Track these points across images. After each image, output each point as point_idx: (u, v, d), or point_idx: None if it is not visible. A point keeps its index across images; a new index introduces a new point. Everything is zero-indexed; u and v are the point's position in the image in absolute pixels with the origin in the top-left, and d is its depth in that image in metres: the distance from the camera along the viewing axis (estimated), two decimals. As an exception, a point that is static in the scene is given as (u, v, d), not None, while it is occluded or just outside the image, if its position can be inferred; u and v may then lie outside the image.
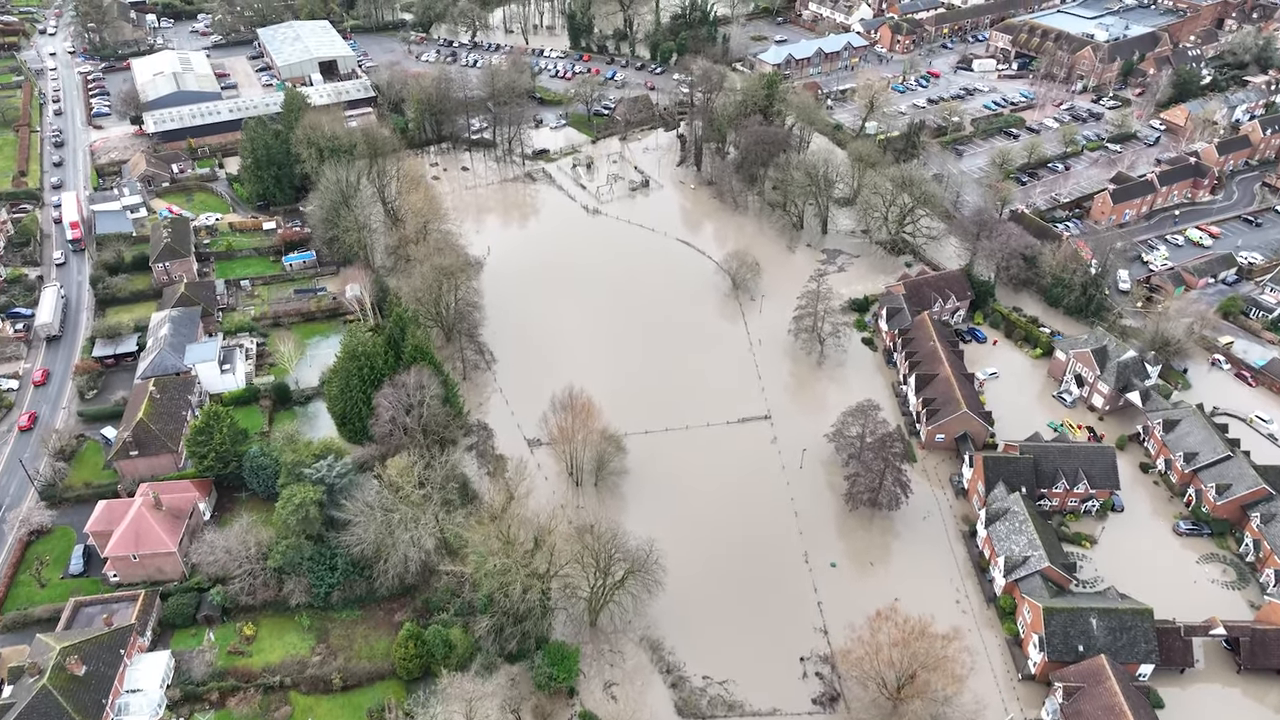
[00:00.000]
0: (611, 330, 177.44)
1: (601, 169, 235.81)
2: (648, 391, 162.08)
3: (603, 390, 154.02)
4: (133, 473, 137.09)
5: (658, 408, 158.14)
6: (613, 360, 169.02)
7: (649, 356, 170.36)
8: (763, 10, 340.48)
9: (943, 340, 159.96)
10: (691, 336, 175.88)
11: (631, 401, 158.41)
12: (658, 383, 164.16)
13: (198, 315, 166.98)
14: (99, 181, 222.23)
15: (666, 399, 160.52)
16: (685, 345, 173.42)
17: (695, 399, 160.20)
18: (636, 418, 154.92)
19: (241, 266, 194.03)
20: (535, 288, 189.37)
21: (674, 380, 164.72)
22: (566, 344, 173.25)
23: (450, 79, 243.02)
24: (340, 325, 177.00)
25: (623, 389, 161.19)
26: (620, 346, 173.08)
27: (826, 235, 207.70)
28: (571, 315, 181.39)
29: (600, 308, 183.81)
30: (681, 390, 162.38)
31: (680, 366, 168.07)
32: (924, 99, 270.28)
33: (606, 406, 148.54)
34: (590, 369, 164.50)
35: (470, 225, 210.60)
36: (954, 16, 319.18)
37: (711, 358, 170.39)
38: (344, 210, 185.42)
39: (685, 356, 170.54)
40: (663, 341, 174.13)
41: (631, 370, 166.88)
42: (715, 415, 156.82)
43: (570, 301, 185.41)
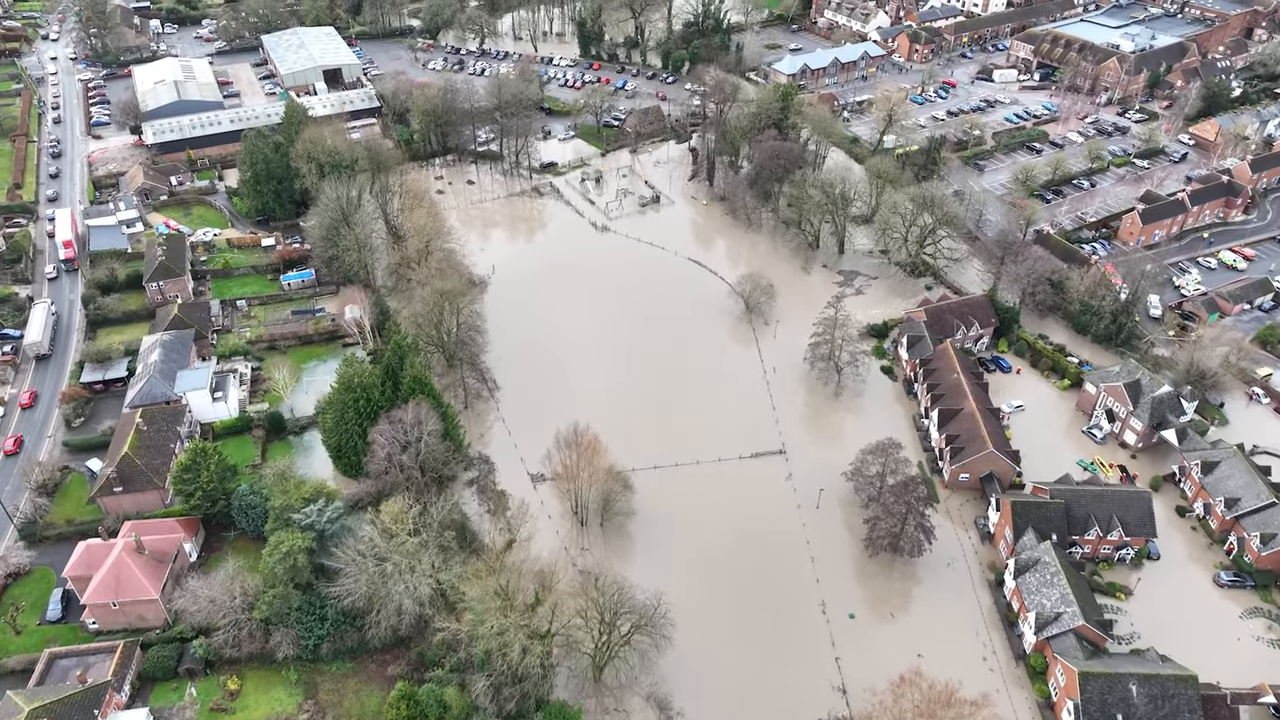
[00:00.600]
0: (620, 355, 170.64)
1: (611, 183, 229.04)
2: (657, 422, 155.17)
3: (609, 421, 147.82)
4: (117, 509, 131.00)
5: (667, 440, 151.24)
6: (621, 388, 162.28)
7: (658, 384, 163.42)
8: (777, 18, 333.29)
9: (966, 372, 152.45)
10: (703, 363, 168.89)
11: (640, 433, 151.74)
12: (667, 413, 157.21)
13: (190, 339, 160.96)
14: (95, 194, 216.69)
15: (676, 430, 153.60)
16: (696, 372, 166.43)
17: (706, 431, 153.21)
18: (645, 451, 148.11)
19: (238, 285, 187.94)
20: (541, 309, 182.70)
21: (684, 410, 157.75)
22: (572, 369, 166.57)
23: (456, 89, 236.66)
24: (339, 348, 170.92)
25: (630, 419, 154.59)
26: (629, 373, 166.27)
27: (843, 255, 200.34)
28: (578, 338, 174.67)
29: (608, 331, 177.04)
30: (692, 421, 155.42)
31: (691, 395, 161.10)
32: (943, 111, 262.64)
33: (613, 439, 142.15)
34: (597, 397, 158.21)
35: (475, 242, 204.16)
36: (974, 25, 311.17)
37: (724, 386, 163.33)
38: (344, 229, 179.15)
39: (696, 385, 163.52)
40: (673, 368, 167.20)
41: (640, 399, 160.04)
42: (727, 449, 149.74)
43: (577, 324, 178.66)
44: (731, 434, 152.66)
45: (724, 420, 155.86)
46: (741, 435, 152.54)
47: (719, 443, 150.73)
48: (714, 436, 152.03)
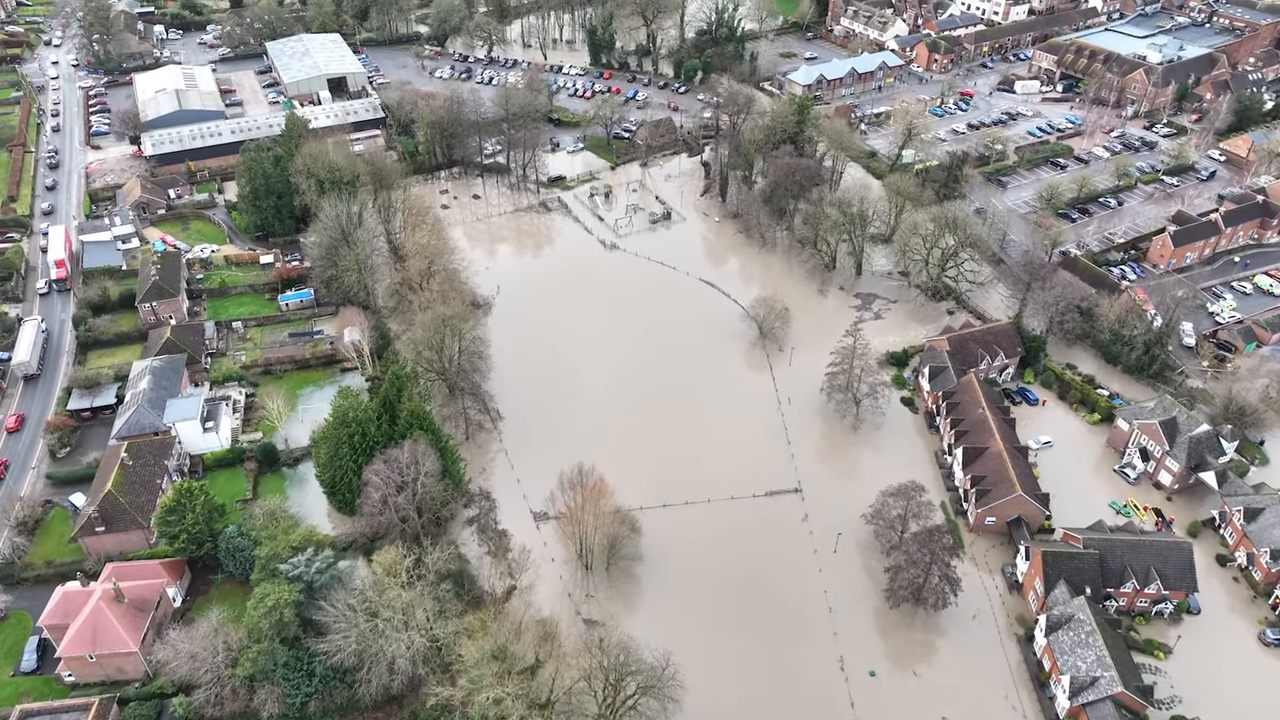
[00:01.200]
0: (628, 382, 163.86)
1: (620, 198, 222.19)
2: (667, 455, 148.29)
3: (617, 454, 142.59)
4: (99, 550, 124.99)
5: (677, 474, 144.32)
6: (629, 417, 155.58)
7: (668, 414, 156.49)
8: (792, 25, 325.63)
9: (992, 406, 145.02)
10: (715, 391, 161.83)
11: (648, 467, 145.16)
12: (678, 445, 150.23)
13: (182, 365, 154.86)
14: (91, 208, 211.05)
15: (687, 464, 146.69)
16: (708, 401, 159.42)
17: (718, 465, 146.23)
18: (653, 487, 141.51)
19: (235, 305, 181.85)
20: (547, 332, 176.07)
21: (695, 442, 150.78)
22: (579, 397, 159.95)
23: (462, 101, 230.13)
24: (337, 373, 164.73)
25: (639, 452, 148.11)
26: (637, 401, 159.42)
27: (861, 277, 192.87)
28: (585, 363, 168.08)
29: (617, 355, 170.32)
30: (703, 455, 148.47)
31: (702, 426, 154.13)
32: (963, 124, 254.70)
33: (621, 473, 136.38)
34: (604, 427, 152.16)
35: (480, 260, 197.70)
36: (994, 34, 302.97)
37: (737, 417, 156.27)
38: (343, 248, 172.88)
39: (708, 415, 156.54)
40: (684, 397, 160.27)
41: (649, 429, 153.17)
42: (740, 486, 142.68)
43: (584, 347, 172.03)
44: (745, 469, 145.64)
45: (737, 454, 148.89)
46: (755, 471, 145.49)
47: (731, 479, 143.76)
48: (726, 472, 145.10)
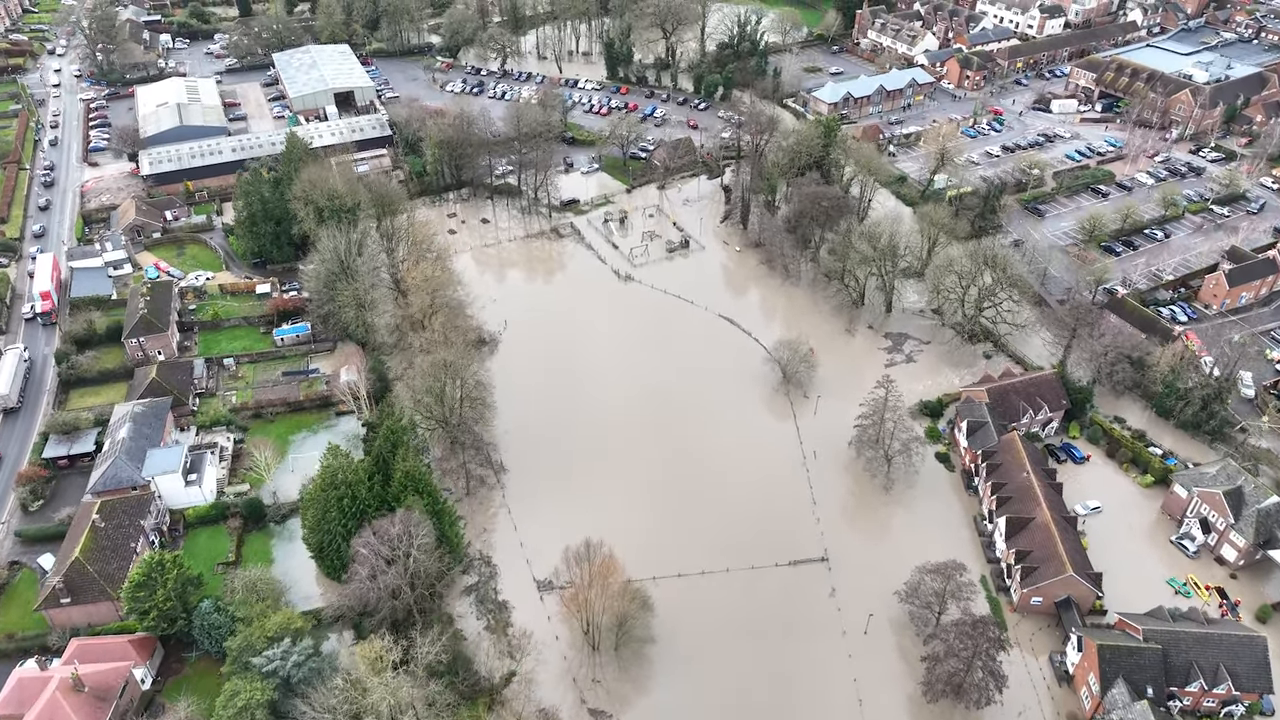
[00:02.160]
0: (642, 429, 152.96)
1: (636, 224, 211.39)
2: (681, 516, 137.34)
3: (628, 514, 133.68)
4: (65, 622, 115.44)
5: (693, 538, 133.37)
6: (641, 471, 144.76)
7: (683, 468, 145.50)
8: (817, 38, 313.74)
9: (1036, 469, 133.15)
10: (734, 443, 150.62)
11: (662, 529, 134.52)
12: (693, 504, 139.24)
13: (166, 409, 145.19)
14: (84, 230, 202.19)
15: (704, 526, 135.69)
16: (727, 455, 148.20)
17: (738, 529, 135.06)
18: (668, 552, 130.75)
19: (228, 339, 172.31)
20: (555, 374, 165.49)
21: (712, 502, 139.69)
22: (588, 447, 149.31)
23: (472, 119, 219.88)
24: (331, 416, 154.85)
25: (652, 512, 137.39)
26: (650, 452, 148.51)
27: (891, 314, 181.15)
28: (596, 408, 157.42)
29: (629, 400, 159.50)
30: (721, 516, 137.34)
31: (720, 483, 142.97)
32: (998, 145, 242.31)
33: (632, 536, 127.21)
34: (614, 483, 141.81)
35: (487, 290, 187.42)
36: (1028, 49, 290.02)
37: (758, 473, 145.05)
38: (342, 282, 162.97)
39: (726, 470, 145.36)
40: (700, 448, 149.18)
41: (662, 485, 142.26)
42: (761, 554, 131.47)
43: (595, 391, 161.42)
44: (766, 533, 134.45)
45: (758, 515, 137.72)
46: (778, 535, 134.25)
47: (752, 544, 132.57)
48: (746, 535, 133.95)
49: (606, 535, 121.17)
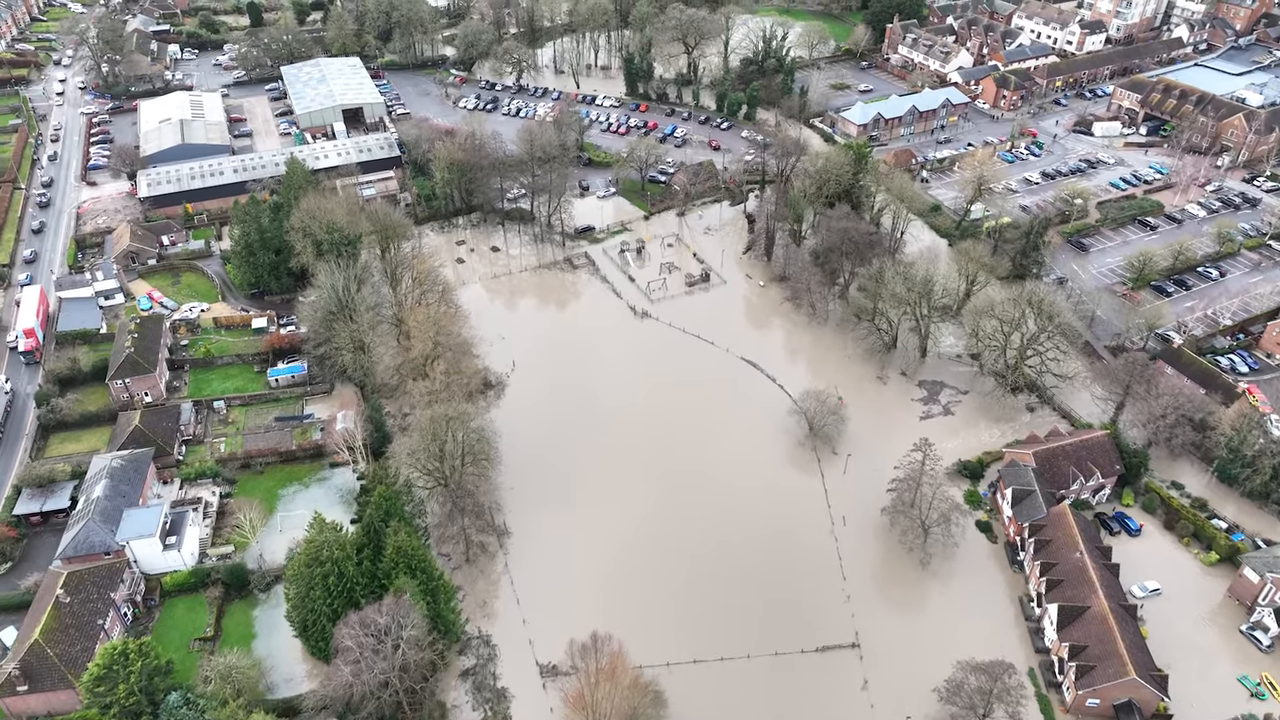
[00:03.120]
0: (657, 487, 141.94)
1: (654, 254, 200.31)
2: (699, 590, 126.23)
3: (640, 587, 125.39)
4: (22, 710, 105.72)
5: (711, 618, 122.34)
6: (654, 537, 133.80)
7: (702, 536, 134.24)
8: (845, 53, 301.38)
9: (1090, 549, 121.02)
10: (756, 505, 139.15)
11: (678, 605, 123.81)
12: (712, 577, 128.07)
13: (148, 461, 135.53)
14: (77, 257, 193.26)
15: (723, 603, 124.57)
16: (748, 519, 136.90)
17: (760, 606, 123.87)
18: (683, 632, 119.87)
19: (219, 379, 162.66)
20: (564, 422, 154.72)
21: (733, 574, 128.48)
22: (599, 506, 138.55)
23: (484, 143, 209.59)
24: (325, 468, 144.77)
25: (667, 583, 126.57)
26: (665, 516, 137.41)
27: (925, 359, 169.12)
28: (606, 462, 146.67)
29: (643, 451, 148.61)
30: (742, 591, 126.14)
31: (742, 551, 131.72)
32: (1037, 171, 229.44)
33: (645, 614, 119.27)
34: (625, 549, 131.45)
35: (495, 325, 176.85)
36: (1068, 68, 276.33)
37: (782, 541, 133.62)
38: (340, 323, 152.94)
39: (749, 537, 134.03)
40: (720, 513, 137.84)
41: (678, 554, 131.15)
42: (786, 638, 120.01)
43: (606, 442, 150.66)
44: (791, 614, 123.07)
45: (782, 591, 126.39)
46: (804, 616, 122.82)
47: (776, 626, 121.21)
48: (770, 614, 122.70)
49: (616, 611, 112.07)
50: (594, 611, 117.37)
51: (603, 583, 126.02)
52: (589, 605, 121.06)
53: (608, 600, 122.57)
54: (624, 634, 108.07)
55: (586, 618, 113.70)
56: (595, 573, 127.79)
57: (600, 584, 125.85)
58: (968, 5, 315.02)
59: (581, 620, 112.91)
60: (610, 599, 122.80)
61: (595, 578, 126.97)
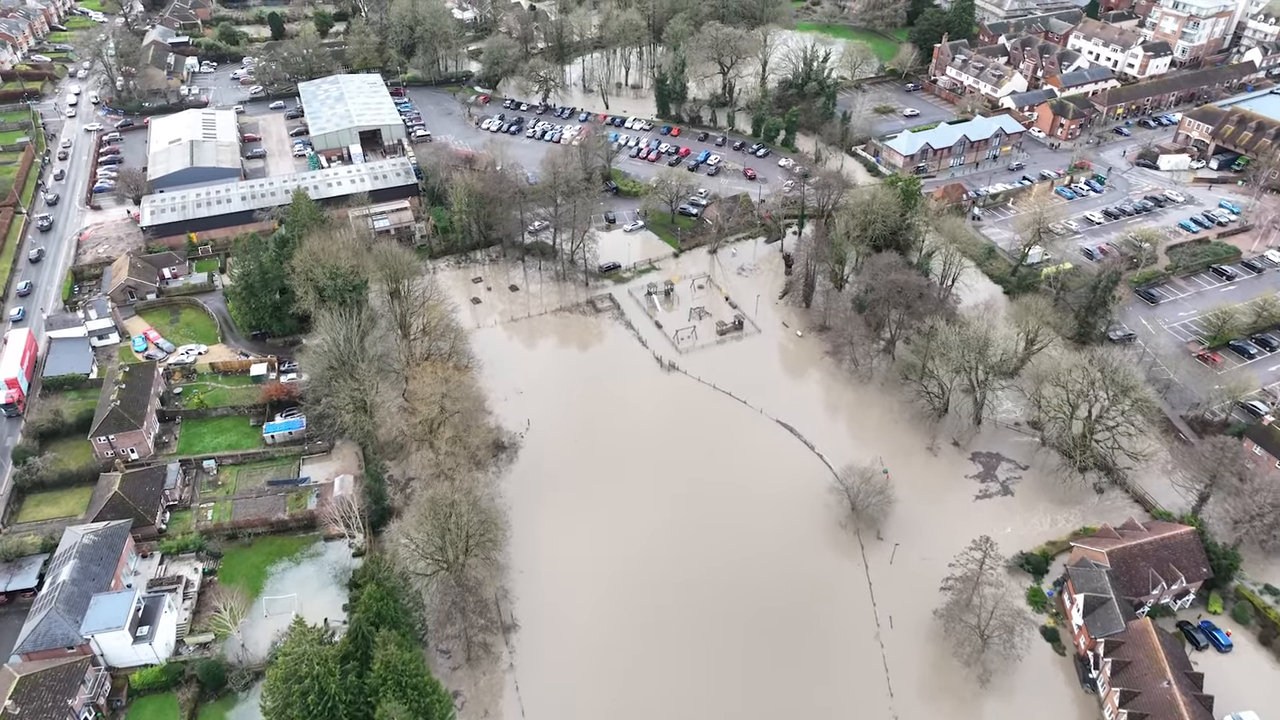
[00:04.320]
0: (679, 570, 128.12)
1: (684, 297, 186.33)
2: (727, 699, 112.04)
3: (659, 690, 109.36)
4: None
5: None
6: (676, 630, 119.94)
7: (729, 636, 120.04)
8: (889, 73, 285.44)
9: (1179, 677, 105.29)
10: (791, 597, 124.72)
11: (700, 713, 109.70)
12: (742, 685, 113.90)
13: (124, 536, 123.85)
14: (73, 290, 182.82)
15: (755, 716, 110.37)
16: (782, 612, 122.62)
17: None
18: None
19: (212, 433, 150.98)
20: (582, 493, 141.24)
21: (766, 682, 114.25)
22: (615, 593, 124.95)
23: (503, 174, 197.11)
24: (320, 542, 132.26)
25: (691, 692, 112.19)
26: (689, 604, 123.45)
27: (980, 427, 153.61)
28: (627, 539, 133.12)
29: (667, 529, 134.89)
30: (777, 705, 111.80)
31: (773, 653, 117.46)
32: (1099, 209, 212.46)
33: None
34: (644, 646, 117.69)
35: (510, 376, 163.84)
36: (1130, 94, 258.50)
37: (820, 643, 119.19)
38: (340, 380, 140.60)
39: (781, 634, 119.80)
40: (750, 607, 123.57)
41: (705, 650, 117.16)
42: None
43: (626, 514, 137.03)
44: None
45: (820, 706, 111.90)
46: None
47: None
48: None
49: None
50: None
51: (620, 687, 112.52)
52: (601, 713, 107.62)
53: (624, 710, 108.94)
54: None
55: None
56: (611, 675, 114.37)
57: (618, 688, 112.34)
58: (1021, 24, 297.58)
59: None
60: (627, 708, 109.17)
61: (611, 681, 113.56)
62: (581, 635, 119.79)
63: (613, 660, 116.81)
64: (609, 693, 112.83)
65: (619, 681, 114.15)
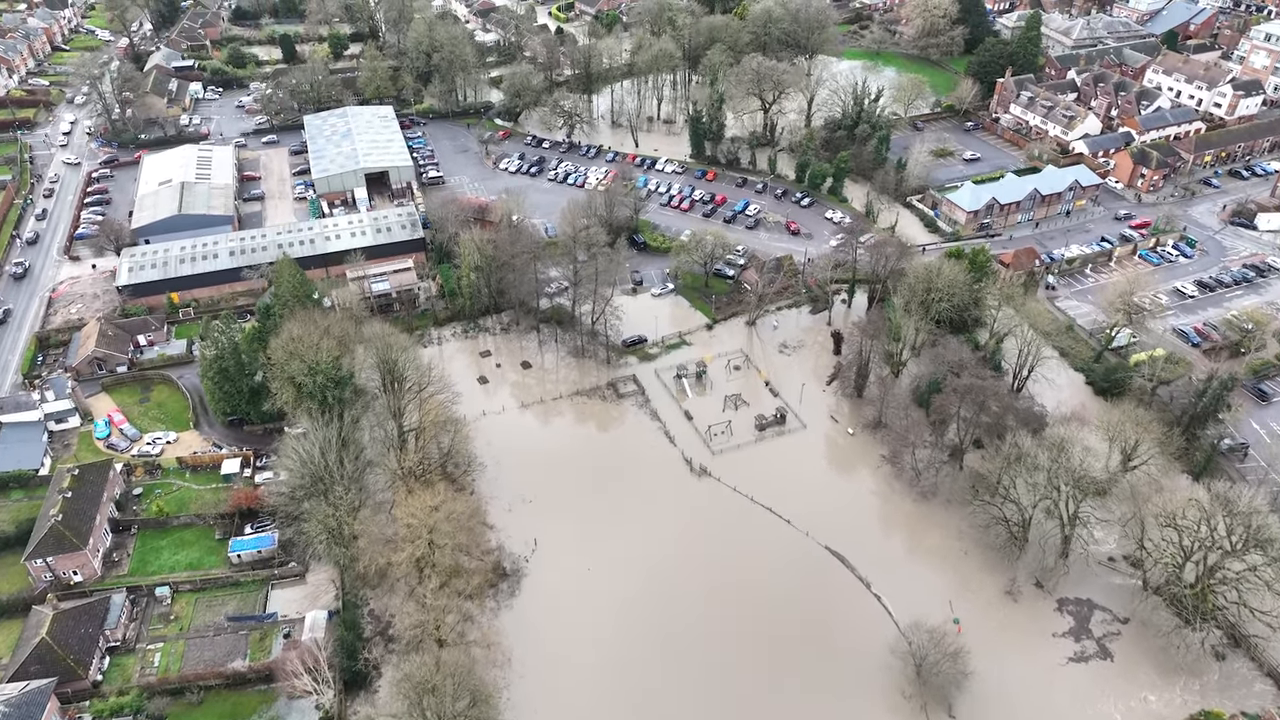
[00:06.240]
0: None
1: (717, 380, 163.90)
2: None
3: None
4: None
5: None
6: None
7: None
8: (946, 109, 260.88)
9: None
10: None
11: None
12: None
13: (44, 702, 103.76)
14: (34, 361, 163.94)
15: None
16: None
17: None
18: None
19: (171, 548, 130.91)
20: (595, 638, 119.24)
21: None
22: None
23: (519, 229, 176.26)
24: (281, 700, 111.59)
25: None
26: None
27: (1068, 563, 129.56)
28: (646, 695, 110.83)
29: (696, 688, 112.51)
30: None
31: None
32: (1190, 279, 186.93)
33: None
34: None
35: (516, 480, 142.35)
36: (1221, 140, 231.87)
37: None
38: (314, 501, 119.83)
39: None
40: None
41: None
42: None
43: (645, 664, 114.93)
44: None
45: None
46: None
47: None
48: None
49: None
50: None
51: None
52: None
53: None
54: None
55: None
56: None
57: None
58: (1092, 56, 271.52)
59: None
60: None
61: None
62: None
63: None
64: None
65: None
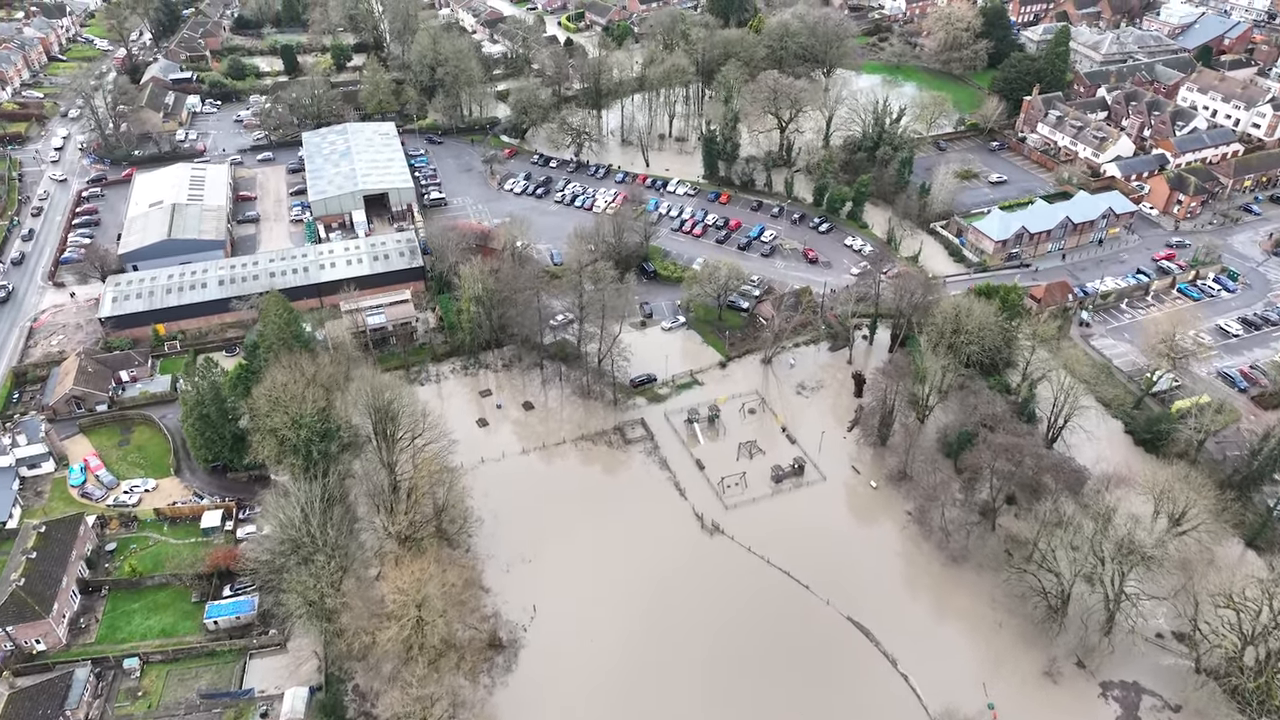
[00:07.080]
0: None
1: (731, 425, 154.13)
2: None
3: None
4: None
5: None
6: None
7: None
8: (970, 127, 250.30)
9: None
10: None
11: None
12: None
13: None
14: (9, 401, 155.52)
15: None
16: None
17: None
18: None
19: (144, 612, 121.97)
20: (599, 713, 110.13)
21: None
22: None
23: (523, 259, 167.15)
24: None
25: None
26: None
27: (1111, 638, 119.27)
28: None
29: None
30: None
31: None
32: (1233, 316, 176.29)
33: None
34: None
35: (515, 537, 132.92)
36: (1262, 164, 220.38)
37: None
38: (293, 570, 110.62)
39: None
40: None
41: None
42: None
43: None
44: None
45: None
46: None
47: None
48: None
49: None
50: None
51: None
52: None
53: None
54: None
55: None
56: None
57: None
58: (1123, 72, 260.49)
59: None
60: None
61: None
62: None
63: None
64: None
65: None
